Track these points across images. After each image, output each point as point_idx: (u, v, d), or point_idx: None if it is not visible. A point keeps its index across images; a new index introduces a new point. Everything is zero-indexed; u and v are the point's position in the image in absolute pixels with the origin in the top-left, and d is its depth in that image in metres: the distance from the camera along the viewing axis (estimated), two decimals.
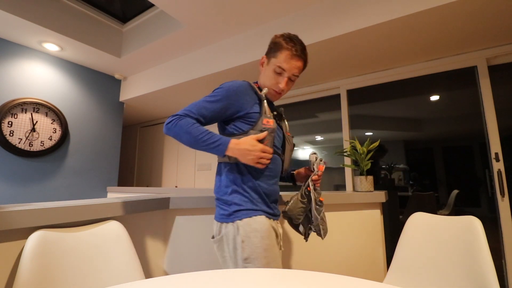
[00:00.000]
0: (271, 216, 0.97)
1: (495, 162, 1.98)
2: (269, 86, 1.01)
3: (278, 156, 1.02)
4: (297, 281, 0.59)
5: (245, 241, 0.88)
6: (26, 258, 0.72)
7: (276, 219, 1.01)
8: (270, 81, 1.00)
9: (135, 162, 4.78)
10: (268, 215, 0.96)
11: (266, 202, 0.97)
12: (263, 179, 0.98)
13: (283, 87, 0.99)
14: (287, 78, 0.98)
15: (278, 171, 1.03)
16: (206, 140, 0.86)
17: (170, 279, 0.62)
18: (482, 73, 2.09)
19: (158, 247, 1.23)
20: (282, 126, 1.10)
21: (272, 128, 0.94)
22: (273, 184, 1.01)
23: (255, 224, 0.90)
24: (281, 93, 1.02)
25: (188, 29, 2.39)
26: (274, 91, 1.01)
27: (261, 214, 0.94)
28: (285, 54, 0.96)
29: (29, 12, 2.27)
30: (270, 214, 0.98)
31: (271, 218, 0.97)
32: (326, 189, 2.91)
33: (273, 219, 0.99)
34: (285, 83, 0.98)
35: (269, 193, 0.99)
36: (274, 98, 1.05)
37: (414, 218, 1.10)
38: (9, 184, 2.51)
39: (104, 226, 0.94)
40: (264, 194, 0.97)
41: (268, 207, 0.98)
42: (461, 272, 0.85)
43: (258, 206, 0.95)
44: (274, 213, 1.00)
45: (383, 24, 1.79)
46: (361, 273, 1.49)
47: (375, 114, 2.80)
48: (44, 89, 2.81)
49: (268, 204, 0.98)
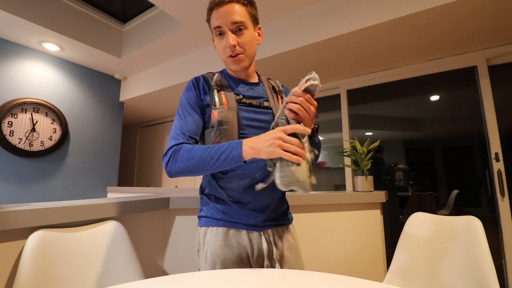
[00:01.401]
0: (243, 227, 0.79)
1: (495, 162, 1.98)
2: (224, 57, 0.83)
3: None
4: (297, 281, 0.59)
5: (199, 251, 0.82)
6: (26, 258, 0.72)
7: (255, 229, 0.80)
8: (221, 52, 0.83)
9: (135, 162, 4.78)
10: (237, 225, 0.79)
11: (236, 210, 0.80)
12: (232, 181, 0.80)
13: (230, 42, 0.77)
14: (229, 32, 0.78)
15: (256, 169, 0.79)
16: (214, 154, 0.70)
17: (170, 279, 0.62)
18: (482, 73, 2.09)
19: (158, 247, 1.23)
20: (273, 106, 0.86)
21: (218, 120, 0.77)
22: (245, 186, 0.79)
23: (208, 237, 0.80)
24: (237, 53, 0.80)
25: (188, 29, 2.39)
26: (230, 58, 0.81)
27: (220, 225, 0.80)
28: (212, 13, 0.80)
29: (29, 12, 2.27)
30: (242, 225, 0.79)
31: (242, 230, 0.79)
32: (326, 189, 2.91)
33: (249, 229, 0.80)
34: (230, 38, 0.77)
35: (241, 198, 0.80)
36: (237, 67, 0.83)
37: (414, 218, 1.10)
38: (9, 184, 2.51)
39: (104, 226, 0.94)
40: (233, 200, 0.80)
41: (241, 216, 0.80)
42: (461, 272, 0.85)
43: (219, 214, 0.81)
44: (253, 224, 0.80)
45: (383, 24, 1.79)
46: (361, 273, 1.49)
47: (375, 114, 2.80)
48: (44, 89, 2.81)
49: (241, 212, 0.80)
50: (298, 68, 2.49)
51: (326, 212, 1.49)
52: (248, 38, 0.81)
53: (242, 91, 0.85)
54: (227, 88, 0.84)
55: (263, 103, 0.85)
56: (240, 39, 0.79)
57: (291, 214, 0.95)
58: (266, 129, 0.79)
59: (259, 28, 0.88)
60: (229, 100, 0.81)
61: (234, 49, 0.79)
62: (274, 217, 0.85)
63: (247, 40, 0.80)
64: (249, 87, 0.88)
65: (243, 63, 0.82)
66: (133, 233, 1.12)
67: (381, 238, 1.56)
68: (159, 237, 1.24)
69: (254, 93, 0.87)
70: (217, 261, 0.76)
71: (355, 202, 1.53)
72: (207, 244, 0.79)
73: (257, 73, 0.95)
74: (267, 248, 0.79)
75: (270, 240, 0.81)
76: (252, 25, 0.83)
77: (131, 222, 1.12)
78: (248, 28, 0.80)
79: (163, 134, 4.46)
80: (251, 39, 0.82)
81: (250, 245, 0.79)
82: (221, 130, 0.77)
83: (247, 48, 0.81)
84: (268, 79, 0.96)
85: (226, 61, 0.83)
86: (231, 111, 0.79)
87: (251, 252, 0.79)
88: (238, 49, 0.79)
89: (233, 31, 0.79)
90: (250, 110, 0.83)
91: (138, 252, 1.12)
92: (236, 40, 0.79)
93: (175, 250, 1.25)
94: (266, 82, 0.93)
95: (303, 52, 2.20)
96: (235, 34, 0.79)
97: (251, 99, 0.85)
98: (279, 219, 0.86)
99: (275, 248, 0.81)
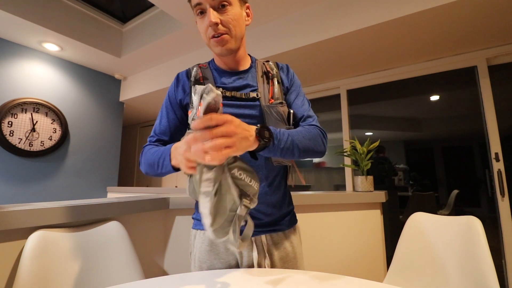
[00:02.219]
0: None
1: (495, 162, 1.98)
2: (207, 39, 0.73)
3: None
4: (297, 281, 0.59)
5: (191, 253, 0.80)
6: (26, 258, 0.72)
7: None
8: (203, 33, 0.73)
9: (135, 162, 4.78)
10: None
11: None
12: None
13: (211, 20, 0.68)
14: (210, 9, 0.68)
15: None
16: (157, 159, 0.67)
17: (170, 279, 0.62)
18: (482, 73, 2.09)
19: (158, 247, 1.23)
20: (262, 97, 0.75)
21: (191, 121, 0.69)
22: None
23: (197, 240, 0.77)
24: (221, 33, 0.70)
25: (188, 29, 2.39)
26: (213, 38, 0.71)
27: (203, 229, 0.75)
28: None
29: (29, 12, 2.27)
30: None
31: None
32: (326, 189, 2.92)
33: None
34: (211, 15, 0.68)
35: None
36: (221, 49, 0.72)
37: (414, 218, 1.10)
38: (9, 184, 2.51)
39: (104, 226, 0.94)
40: None
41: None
42: (461, 272, 0.85)
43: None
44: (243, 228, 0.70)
45: (383, 24, 1.79)
46: (361, 273, 1.49)
47: (375, 114, 2.80)
48: (44, 89, 2.81)
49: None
50: (298, 68, 2.49)
51: (326, 212, 1.49)
52: (233, 16, 0.70)
53: (227, 83, 0.77)
54: (209, 82, 0.75)
55: (248, 94, 0.75)
56: (223, 17, 0.69)
57: (295, 216, 0.85)
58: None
59: (247, 7, 0.78)
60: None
61: (216, 28, 0.69)
62: (269, 221, 0.76)
63: (231, 18, 0.70)
64: (236, 76, 0.78)
65: (228, 44, 0.72)
66: (133, 233, 1.12)
67: (381, 238, 1.56)
68: (159, 237, 1.24)
69: (241, 82, 0.77)
70: (203, 267, 0.74)
71: (355, 202, 1.53)
72: (196, 248, 0.77)
73: (251, 57, 0.85)
74: (257, 257, 0.71)
75: (263, 248, 0.73)
76: (238, 1, 0.73)
77: (131, 222, 1.12)
78: (232, 4, 0.71)
79: None
80: (236, 17, 0.71)
81: (239, 252, 0.73)
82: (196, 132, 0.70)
83: (232, 27, 0.71)
84: (264, 62, 0.84)
85: (210, 43, 0.73)
86: None
87: (240, 260, 0.73)
88: (221, 28, 0.70)
89: (215, 8, 0.69)
90: (233, 105, 0.74)
91: (138, 252, 1.12)
92: (219, 18, 0.69)
93: (175, 250, 1.25)
94: (260, 67, 0.81)
95: (303, 52, 2.20)
96: (218, 11, 0.69)
97: (235, 91, 0.75)
98: (275, 224, 0.77)
99: (267, 258, 0.73)
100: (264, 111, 0.73)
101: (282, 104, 0.75)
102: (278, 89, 0.78)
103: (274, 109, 0.73)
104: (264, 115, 0.73)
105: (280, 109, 0.74)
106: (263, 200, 0.74)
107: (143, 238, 1.17)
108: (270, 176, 0.76)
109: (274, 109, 0.73)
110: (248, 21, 0.78)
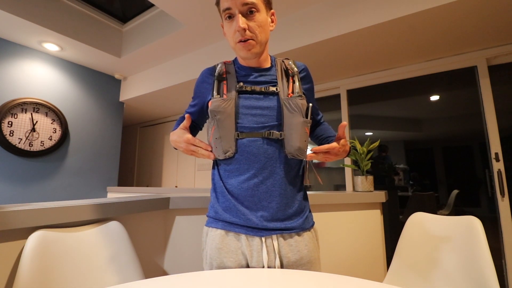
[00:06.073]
0: (242, 231, 0.72)
1: (495, 162, 1.98)
2: (233, 43, 0.76)
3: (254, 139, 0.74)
4: (297, 281, 0.59)
5: (203, 250, 0.80)
6: (26, 258, 0.72)
7: (256, 234, 0.72)
8: (230, 37, 0.76)
9: (135, 162, 4.78)
10: (236, 228, 0.73)
11: (236, 208, 0.74)
12: (230, 175, 0.76)
13: (240, 25, 0.71)
14: (239, 15, 0.72)
15: (254, 162, 0.73)
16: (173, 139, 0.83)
17: (170, 279, 0.62)
18: (482, 73, 2.09)
19: (158, 247, 1.23)
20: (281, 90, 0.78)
21: (210, 110, 0.75)
22: (244, 182, 0.73)
23: (209, 238, 0.77)
24: (247, 38, 0.73)
25: (188, 29, 2.39)
26: (239, 43, 0.74)
27: (219, 227, 0.75)
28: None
29: (29, 12, 2.27)
30: (241, 228, 0.73)
31: (241, 234, 0.73)
32: (326, 189, 2.92)
33: (249, 234, 0.72)
34: (240, 21, 0.71)
35: (239, 195, 0.74)
36: (247, 53, 0.76)
37: (414, 218, 1.10)
38: (9, 184, 2.51)
39: (104, 226, 0.94)
40: (233, 197, 0.75)
41: (239, 215, 0.73)
42: (461, 272, 0.85)
43: (219, 214, 0.76)
44: (253, 226, 0.72)
45: (383, 24, 1.79)
46: (361, 273, 1.49)
47: (375, 114, 2.80)
48: (44, 89, 2.81)
49: (240, 210, 0.73)
50: None
51: (326, 212, 1.49)
52: (260, 23, 0.74)
53: (249, 78, 0.80)
54: (231, 77, 0.80)
55: (268, 88, 0.78)
56: (250, 23, 0.73)
57: (311, 216, 0.82)
58: (268, 116, 0.75)
59: (272, 13, 0.81)
60: (229, 89, 0.78)
61: (244, 33, 0.72)
62: (280, 218, 0.73)
63: (258, 25, 0.73)
64: (258, 73, 0.81)
65: (254, 49, 0.75)
66: (133, 233, 1.12)
67: (381, 238, 1.56)
68: (159, 237, 1.24)
69: (261, 78, 0.80)
70: (214, 264, 0.74)
71: (355, 202, 1.53)
72: (207, 245, 0.78)
73: (271, 56, 0.88)
74: (267, 259, 0.70)
75: (273, 249, 0.71)
76: (264, 8, 0.76)
77: (131, 222, 1.12)
78: (260, 11, 0.74)
79: (163, 134, 4.46)
80: (263, 24, 0.75)
81: (249, 252, 0.71)
82: (214, 120, 0.75)
83: (258, 33, 0.74)
84: (284, 60, 0.87)
85: (236, 47, 0.76)
86: (228, 100, 0.75)
87: (251, 260, 0.72)
88: (248, 33, 0.73)
89: (244, 14, 0.72)
90: (252, 98, 0.77)
91: (138, 252, 1.12)
92: (247, 24, 0.72)
93: (175, 250, 1.25)
94: (280, 65, 0.84)
95: (303, 52, 2.20)
96: (246, 17, 0.72)
97: (254, 85, 0.78)
98: (287, 222, 0.74)
99: (277, 258, 0.71)
100: (282, 103, 0.76)
101: (301, 97, 0.78)
102: (298, 84, 0.81)
103: (293, 101, 0.76)
104: (282, 107, 0.75)
105: (299, 101, 0.76)
106: (277, 189, 0.74)
107: (143, 238, 1.17)
108: (284, 169, 0.76)
109: (293, 101, 0.76)
110: (272, 27, 0.82)
